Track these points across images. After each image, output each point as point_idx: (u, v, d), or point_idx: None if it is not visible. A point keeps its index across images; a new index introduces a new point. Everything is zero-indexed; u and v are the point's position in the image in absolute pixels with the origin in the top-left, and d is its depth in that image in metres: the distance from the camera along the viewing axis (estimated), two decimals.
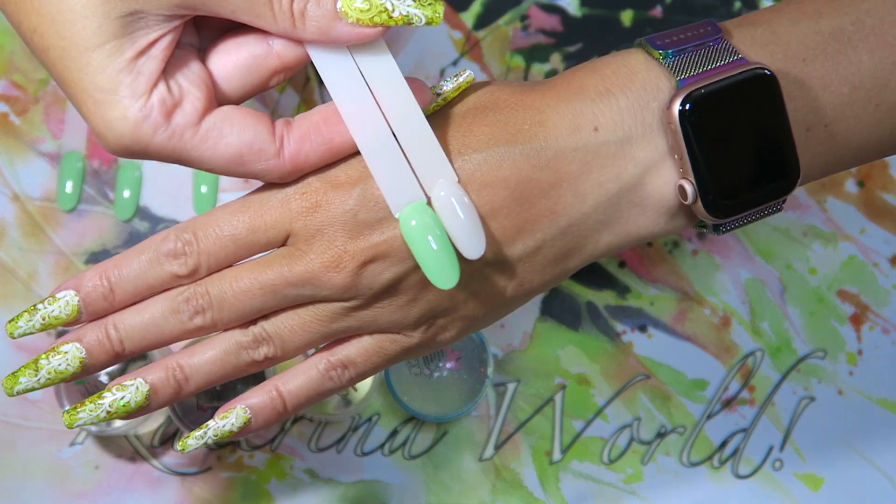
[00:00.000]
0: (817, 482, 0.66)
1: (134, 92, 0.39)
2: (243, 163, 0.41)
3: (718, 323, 0.67)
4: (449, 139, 0.42)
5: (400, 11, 0.39)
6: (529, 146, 0.42)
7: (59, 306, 0.43)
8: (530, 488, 0.65)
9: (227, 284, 0.43)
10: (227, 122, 0.41)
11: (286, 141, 0.41)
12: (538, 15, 0.70)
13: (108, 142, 0.40)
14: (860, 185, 0.69)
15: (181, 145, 0.40)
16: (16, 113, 0.69)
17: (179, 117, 0.40)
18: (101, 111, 0.39)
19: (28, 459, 0.65)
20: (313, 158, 0.42)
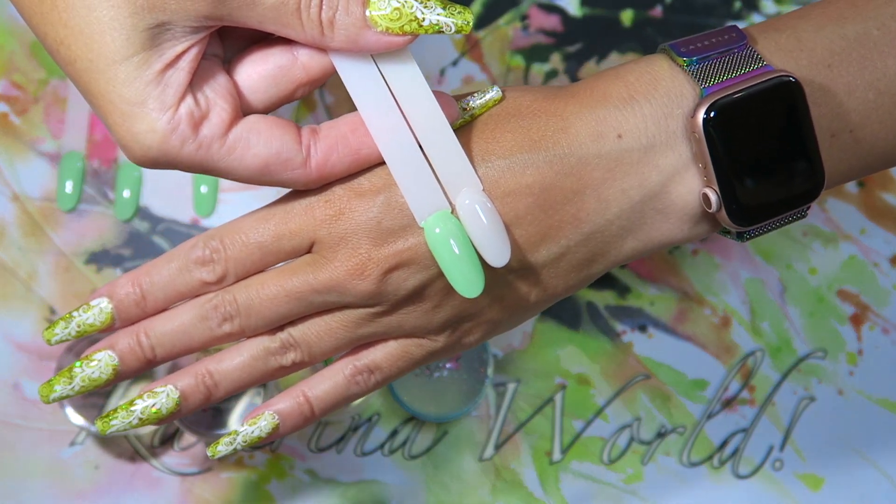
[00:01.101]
0: (817, 482, 0.66)
1: (162, 104, 0.39)
2: (270, 173, 0.41)
3: (718, 323, 0.67)
4: (472, 146, 0.43)
5: (430, 20, 0.39)
6: (553, 153, 0.42)
7: (93, 314, 0.44)
8: (530, 488, 0.65)
9: (255, 291, 0.43)
10: (254, 132, 0.41)
11: (313, 150, 0.41)
12: (538, 15, 0.70)
13: (135, 154, 0.40)
14: (860, 185, 0.69)
15: (209, 157, 0.40)
16: (16, 113, 0.69)
17: (207, 129, 0.40)
18: (128, 124, 0.39)
19: (28, 459, 0.65)
20: (339, 168, 0.42)
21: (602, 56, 0.69)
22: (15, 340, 0.66)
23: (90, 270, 0.67)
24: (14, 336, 0.66)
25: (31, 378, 0.65)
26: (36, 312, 0.66)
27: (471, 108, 0.43)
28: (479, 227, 0.41)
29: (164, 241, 0.67)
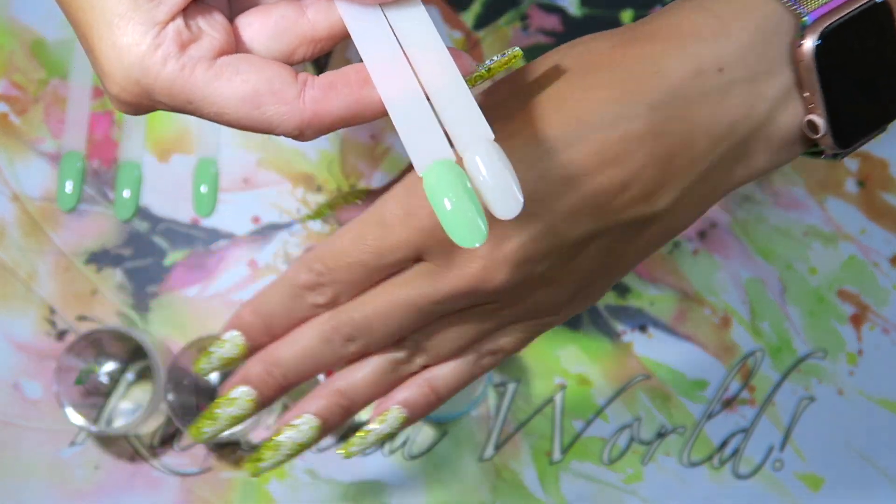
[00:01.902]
0: (817, 482, 0.66)
1: (151, 19, 0.37)
2: (259, 104, 0.37)
3: (718, 323, 0.67)
4: (568, 109, 0.41)
5: None
6: (654, 99, 0.40)
7: (227, 348, 0.45)
8: (530, 488, 0.65)
9: (371, 309, 0.43)
10: (245, 61, 0.38)
11: (310, 85, 0.38)
12: (538, 15, 0.70)
13: (115, 75, 0.38)
14: (860, 185, 0.69)
15: (192, 81, 0.37)
16: (16, 113, 0.69)
17: (194, 50, 0.37)
18: (113, 37, 0.38)
19: (28, 459, 0.65)
20: (336, 108, 0.38)
21: None
22: (15, 340, 0.66)
23: (90, 270, 0.67)
24: (14, 336, 0.66)
25: (31, 378, 0.65)
26: (36, 312, 0.66)
27: (490, 65, 0.41)
28: (480, 178, 0.37)
29: (164, 241, 0.67)
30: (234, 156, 0.68)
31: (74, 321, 0.66)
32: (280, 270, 0.67)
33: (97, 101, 0.69)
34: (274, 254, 0.67)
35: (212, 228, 0.67)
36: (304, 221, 0.47)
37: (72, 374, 0.62)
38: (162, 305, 0.66)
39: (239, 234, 0.67)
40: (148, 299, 0.66)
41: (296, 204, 0.67)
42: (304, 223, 0.48)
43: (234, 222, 0.68)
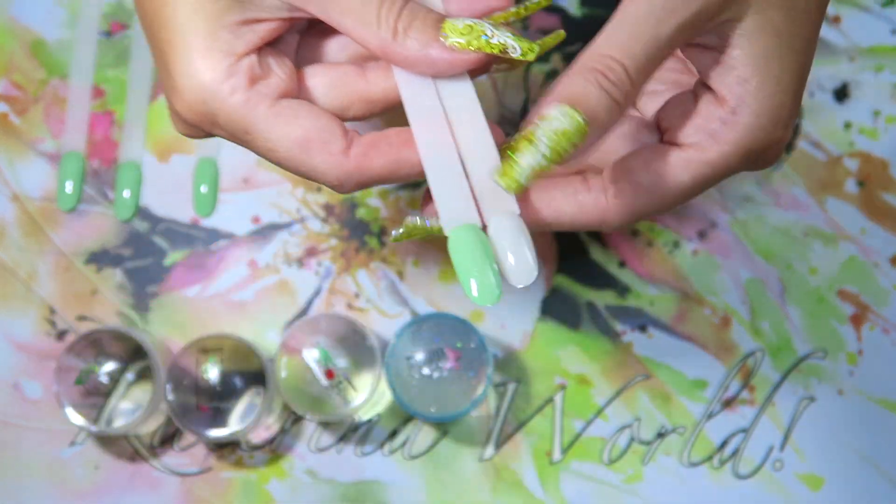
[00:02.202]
0: (817, 482, 0.66)
1: (230, 49, 0.40)
2: (308, 149, 0.41)
3: (718, 323, 0.67)
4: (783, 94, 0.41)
5: (498, 39, 0.40)
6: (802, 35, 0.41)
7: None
8: (530, 488, 0.65)
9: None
10: (304, 107, 0.41)
11: (356, 143, 0.41)
12: (538, 15, 0.70)
13: (184, 92, 0.40)
14: (860, 185, 0.69)
15: (254, 114, 0.40)
16: (16, 113, 0.69)
17: (262, 87, 0.41)
18: (191, 58, 0.40)
19: (28, 459, 0.65)
20: (377, 165, 0.41)
21: None
22: (15, 340, 0.66)
23: (90, 270, 0.67)
24: (14, 336, 0.66)
25: (31, 378, 0.65)
26: (36, 312, 0.66)
27: (525, 5, 0.43)
28: (501, 247, 0.40)
29: (164, 241, 0.67)
30: (234, 156, 0.68)
31: (74, 321, 0.66)
32: (280, 270, 0.67)
33: (97, 101, 0.69)
34: (274, 254, 0.67)
35: (212, 228, 0.67)
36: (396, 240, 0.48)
37: (72, 374, 0.62)
38: (162, 305, 0.66)
39: (239, 234, 0.67)
40: (148, 299, 0.66)
41: (296, 204, 0.68)
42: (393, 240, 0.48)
43: (234, 222, 0.68)
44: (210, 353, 0.62)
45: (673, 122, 0.42)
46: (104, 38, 0.70)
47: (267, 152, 0.41)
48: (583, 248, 0.68)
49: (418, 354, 0.62)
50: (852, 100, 0.70)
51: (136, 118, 0.68)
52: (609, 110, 0.38)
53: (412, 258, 0.67)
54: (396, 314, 0.67)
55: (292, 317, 0.66)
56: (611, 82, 0.38)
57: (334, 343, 0.63)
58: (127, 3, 0.70)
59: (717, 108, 0.41)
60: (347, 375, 0.62)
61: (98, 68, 0.69)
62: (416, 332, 0.63)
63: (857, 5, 0.71)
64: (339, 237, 0.67)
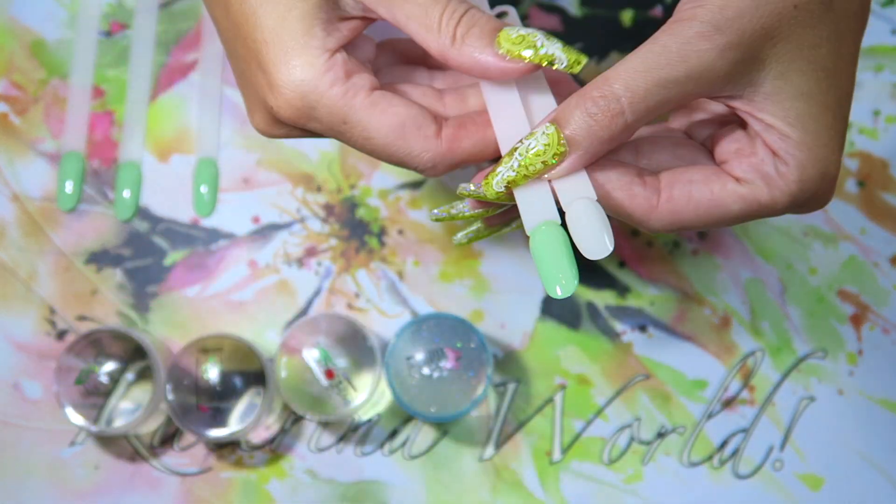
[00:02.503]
0: (817, 482, 0.66)
1: (323, 45, 0.43)
2: (404, 135, 0.43)
3: (718, 323, 0.67)
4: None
5: (547, 49, 0.42)
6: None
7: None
8: (530, 488, 0.65)
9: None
10: (397, 97, 0.44)
11: (446, 125, 0.44)
12: (538, 15, 0.70)
13: (284, 88, 0.43)
14: (860, 185, 0.69)
15: (353, 104, 0.43)
16: (16, 113, 0.69)
17: (357, 79, 0.43)
18: (288, 56, 0.42)
19: (28, 459, 0.65)
20: (467, 144, 0.44)
21: (602, 56, 0.69)
22: (15, 340, 0.66)
23: (90, 270, 0.67)
24: (14, 336, 0.66)
25: (31, 378, 0.65)
26: (36, 312, 0.66)
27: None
28: (578, 228, 0.41)
29: (164, 241, 0.67)
30: (234, 156, 0.68)
31: (74, 321, 0.66)
32: (280, 270, 0.67)
33: (97, 101, 0.69)
34: (274, 254, 0.67)
35: (212, 228, 0.67)
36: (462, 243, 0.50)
37: (72, 374, 0.62)
38: (162, 305, 0.67)
39: (239, 234, 0.67)
40: (148, 299, 0.66)
41: (296, 204, 0.67)
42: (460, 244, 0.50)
43: (234, 222, 0.68)
44: (210, 353, 0.62)
45: (728, 156, 0.44)
46: (104, 38, 0.70)
47: (363, 141, 0.44)
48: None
49: (418, 354, 0.62)
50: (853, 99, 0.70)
51: (136, 118, 0.68)
52: (589, 134, 0.41)
53: (412, 258, 0.67)
54: (396, 314, 0.67)
55: (292, 317, 0.66)
56: (599, 109, 0.41)
57: (334, 343, 0.63)
58: (127, 3, 0.70)
59: (769, 156, 0.43)
60: (347, 375, 0.62)
61: (98, 68, 0.69)
62: (416, 332, 0.63)
63: None
64: (339, 237, 0.67)
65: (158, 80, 0.69)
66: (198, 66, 0.69)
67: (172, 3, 0.70)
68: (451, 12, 0.43)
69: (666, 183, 0.43)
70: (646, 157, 0.44)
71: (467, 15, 0.43)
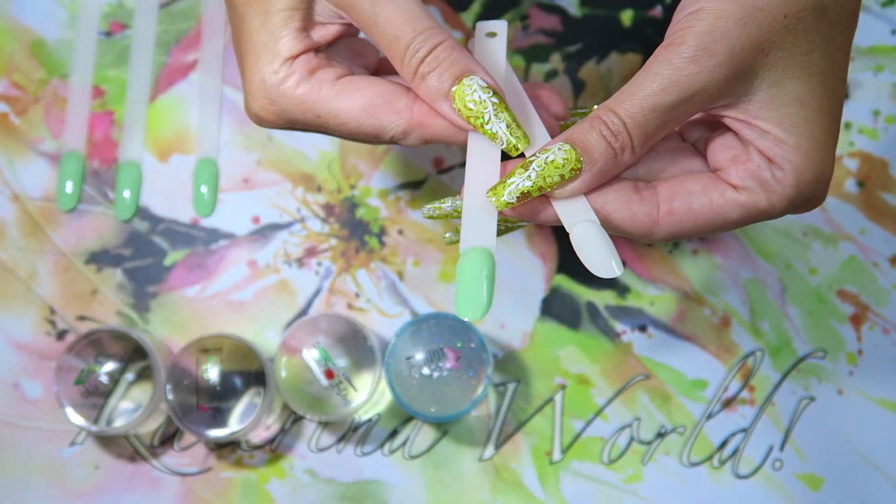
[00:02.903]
0: (817, 482, 0.66)
1: (289, 52, 0.45)
2: (375, 112, 0.45)
3: (718, 323, 0.67)
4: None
5: (492, 127, 0.43)
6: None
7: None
8: (530, 488, 0.65)
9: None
10: (362, 79, 0.46)
11: (420, 100, 0.45)
12: (538, 15, 0.70)
13: (257, 95, 0.46)
14: (860, 185, 0.69)
15: (320, 97, 0.45)
16: (16, 113, 0.69)
17: (321, 74, 0.45)
18: (259, 64, 0.45)
19: (28, 459, 0.65)
20: (440, 123, 0.45)
21: (602, 56, 0.69)
22: (15, 340, 0.66)
23: (90, 270, 0.67)
24: (14, 336, 0.66)
25: (31, 378, 0.65)
26: (36, 312, 0.66)
27: (585, 112, 0.47)
28: (582, 250, 0.42)
29: (164, 241, 0.67)
30: (234, 156, 0.68)
31: (74, 321, 0.66)
32: (280, 270, 0.67)
33: (97, 101, 0.69)
34: (274, 254, 0.67)
35: (212, 228, 0.67)
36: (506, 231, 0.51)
37: (72, 374, 0.62)
38: (162, 305, 0.66)
39: (239, 234, 0.67)
40: (148, 299, 0.66)
41: (296, 204, 0.67)
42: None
43: (234, 222, 0.68)
44: (210, 353, 0.62)
45: (724, 163, 0.44)
46: (104, 38, 0.70)
47: (340, 128, 0.45)
48: None
49: (418, 354, 0.62)
50: (852, 100, 0.70)
51: (136, 118, 0.68)
52: (604, 154, 0.42)
53: (412, 258, 0.67)
54: (396, 314, 0.67)
55: (292, 317, 0.66)
56: (610, 131, 0.42)
57: (334, 343, 0.63)
58: (127, 3, 0.70)
59: (764, 162, 0.43)
60: (347, 375, 0.62)
61: (98, 68, 0.69)
62: (416, 332, 0.63)
63: None
64: (339, 237, 0.67)
65: (158, 80, 0.69)
66: (198, 66, 0.69)
67: (172, 3, 0.70)
68: (414, 49, 0.44)
69: (665, 196, 0.44)
70: (644, 165, 0.45)
71: (431, 55, 0.44)
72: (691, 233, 0.44)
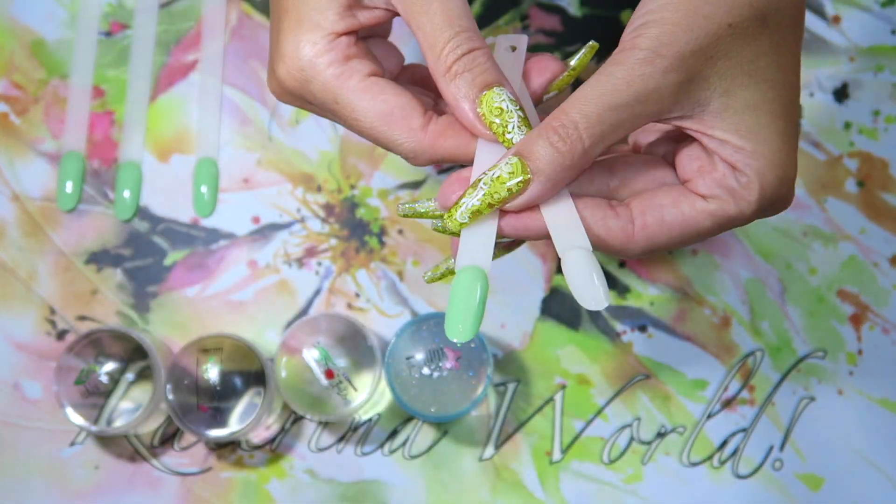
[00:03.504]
0: (817, 482, 0.66)
1: (332, 28, 0.45)
2: (391, 122, 0.45)
3: (718, 323, 0.67)
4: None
5: (513, 137, 0.43)
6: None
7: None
8: (530, 488, 0.65)
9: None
10: (390, 85, 0.45)
11: (434, 121, 0.45)
12: (538, 15, 0.70)
13: (288, 59, 0.45)
14: (860, 185, 0.69)
15: (346, 85, 0.45)
16: (16, 113, 0.69)
17: (355, 63, 0.45)
18: (299, 30, 0.45)
19: (28, 459, 0.65)
20: (450, 145, 0.45)
21: (602, 56, 0.69)
22: (15, 340, 0.66)
23: (90, 270, 0.67)
24: (14, 336, 0.66)
25: (31, 378, 0.65)
26: (36, 312, 0.66)
27: (573, 66, 0.47)
28: (571, 277, 0.43)
29: (164, 241, 0.67)
30: (234, 156, 0.68)
31: (74, 321, 0.66)
32: (280, 270, 0.67)
33: (97, 101, 0.69)
34: (274, 254, 0.67)
35: (212, 228, 0.67)
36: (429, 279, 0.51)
37: (72, 374, 0.62)
38: (162, 305, 0.67)
39: (239, 234, 0.67)
40: (148, 299, 0.66)
41: (296, 204, 0.67)
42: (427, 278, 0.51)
43: (234, 222, 0.68)
44: (210, 353, 0.62)
45: (691, 174, 0.45)
46: (104, 38, 0.70)
47: (352, 121, 0.45)
48: None
49: (418, 354, 0.62)
50: (852, 100, 0.70)
51: (136, 118, 0.68)
52: (551, 161, 0.42)
53: (412, 258, 0.67)
54: (396, 314, 0.67)
55: (292, 317, 0.66)
56: (560, 137, 0.42)
57: (334, 343, 0.63)
58: (127, 3, 0.70)
59: (728, 170, 0.44)
60: (347, 375, 0.62)
61: (98, 68, 0.69)
62: (416, 331, 0.63)
63: (857, 5, 0.71)
64: (339, 237, 0.67)
65: (158, 80, 0.69)
66: (198, 66, 0.69)
67: (172, 3, 0.70)
68: (454, 45, 0.44)
69: (638, 211, 0.44)
70: (619, 177, 0.46)
71: (468, 56, 0.44)
72: (666, 245, 0.45)
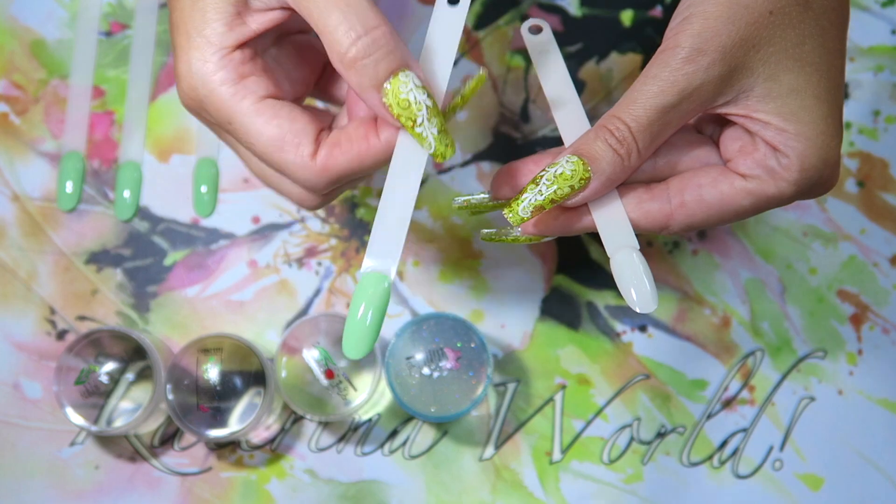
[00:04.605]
0: (817, 482, 0.66)
1: (221, 42, 0.43)
2: (282, 148, 0.44)
3: (718, 323, 0.67)
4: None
5: (421, 130, 0.43)
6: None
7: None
8: (530, 488, 0.65)
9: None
10: (285, 108, 0.44)
11: (322, 144, 0.44)
12: (538, 15, 0.70)
13: (182, 79, 0.44)
14: (860, 185, 0.69)
15: (239, 107, 0.43)
16: (16, 113, 0.69)
17: (250, 83, 0.44)
18: (190, 48, 0.43)
19: (28, 459, 0.65)
20: (342, 162, 0.44)
21: (602, 56, 0.69)
22: (15, 340, 0.66)
23: (90, 270, 0.67)
24: (14, 336, 0.66)
25: (31, 378, 0.65)
26: (36, 312, 0.66)
27: (461, 94, 0.45)
28: (622, 278, 0.45)
29: (164, 241, 0.67)
30: (234, 156, 0.68)
31: (74, 321, 0.66)
32: (280, 270, 0.67)
33: (97, 101, 0.69)
34: (274, 254, 0.67)
35: (212, 228, 0.67)
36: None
37: (72, 374, 0.62)
38: (162, 305, 0.67)
39: (239, 234, 0.67)
40: (148, 299, 0.66)
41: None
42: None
43: (234, 222, 0.68)
44: (210, 353, 0.62)
45: (733, 154, 0.46)
46: (104, 38, 0.70)
47: (246, 144, 0.44)
48: (583, 248, 0.68)
49: (418, 354, 0.62)
50: (852, 100, 0.70)
51: (136, 118, 0.68)
52: (610, 161, 0.44)
53: (412, 258, 0.67)
54: (396, 314, 0.67)
55: (292, 317, 0.66)
56: (616, 139, 0.44)
57: (334, 343, 0.63)
58: (127, 3, 0.70)
59: (770, 151, 0.45)
60: (347, 375, 0.62)
61: (98, 68, 0.69)
62: (416, 332, 0.63)
63: (857, 5, 0.71)
64: (339, 237, 0.67)
65: (158, 80, 0.69)
66: None
67: None
68: (347, 28, 0.41)
69: (676, 189, 0.45)
70: (664, 159, 0.46)
71: (368, 37, 0.41)
72: (704, 223, 0.46)
